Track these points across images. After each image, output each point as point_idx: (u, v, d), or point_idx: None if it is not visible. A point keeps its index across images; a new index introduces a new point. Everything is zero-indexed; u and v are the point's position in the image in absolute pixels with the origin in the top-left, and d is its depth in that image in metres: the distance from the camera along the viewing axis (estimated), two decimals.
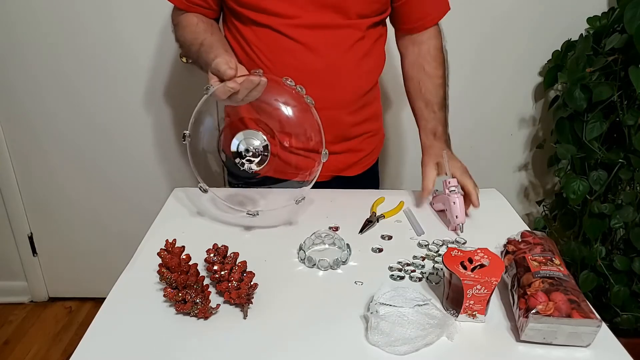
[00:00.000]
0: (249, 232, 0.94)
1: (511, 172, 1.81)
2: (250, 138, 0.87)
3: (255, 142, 0.87)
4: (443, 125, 1.10)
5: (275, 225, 0.95)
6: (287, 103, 0.89)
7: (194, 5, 1.01)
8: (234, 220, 0.97)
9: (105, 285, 0.81)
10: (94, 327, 0.71)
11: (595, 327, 0.65)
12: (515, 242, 0.82)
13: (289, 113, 0.89)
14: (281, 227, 0.96)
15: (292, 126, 0.91)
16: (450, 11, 1.09)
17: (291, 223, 0.95)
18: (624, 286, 1.49)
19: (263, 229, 0.95)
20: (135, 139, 1.73)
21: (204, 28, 1.00)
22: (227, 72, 0.80)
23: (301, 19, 0.96)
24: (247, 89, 0.82)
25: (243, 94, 0.83)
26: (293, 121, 0.91)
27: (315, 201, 1.05)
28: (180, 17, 1.04)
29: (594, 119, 1.44)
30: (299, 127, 0.91)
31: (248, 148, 0.87)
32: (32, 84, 1.63)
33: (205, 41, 0.96)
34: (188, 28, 1.01)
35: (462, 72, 1.63)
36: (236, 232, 0.94)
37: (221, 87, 0.81)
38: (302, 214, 1.00)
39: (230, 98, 0.83)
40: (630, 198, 1.46)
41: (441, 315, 0.68)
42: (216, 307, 0.72)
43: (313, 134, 0.90)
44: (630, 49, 1.36)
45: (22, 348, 1.81)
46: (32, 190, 1.83)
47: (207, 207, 1.02)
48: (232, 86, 0.80)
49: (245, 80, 0.81)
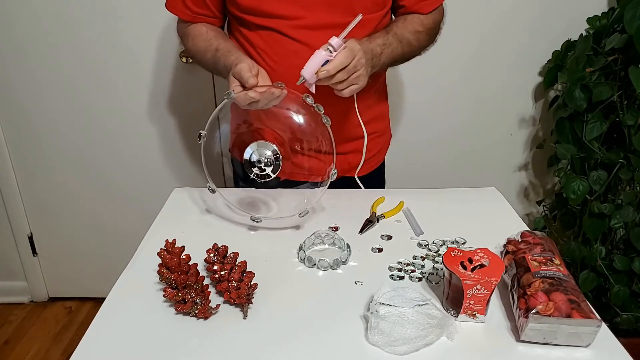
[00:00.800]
0: (249, 232, 0.94)
1: (511, 172, 1.81)
2: (263, 148, 0.89)
3: (267, 152, 0.89)
4: (384, 44, 0.97)
5: (279, 228, 0.96)
6: (299, 112, 0.90)
7: (199, 15, 1.02)
8: (234, 220, 0.97)
9: (105, 285, 0.81)
10: (94, 327, 0.71)
11: (595, 327, 0.65)
12: (515, 242, 0.82)
13: (301, 122, 0.91)
14: (281, 227, 0.95)
15: (304, 134, 0.92)
16: (451, 11, 1.09)
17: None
18: (624, 286, 1.49)
19: (263, 229, 0.95)
20: (135, 138, 1.73)
21: (215, 35, 1.01)
22: (250, 80, 0.82)
23: (305, 19, 0.96)
24: (267, 100, 0.84)
25: (263, 103, 0.85)
26: (306, 130, 0.91)
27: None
28: (187, 28, 1.04)
29: (594, 119, 1.44)
30: (311, 135, 0.92)
31: (260, 159, 0.89)
32: (32, 84, 1.63)
33: (220, 46, 0.97)
34: (199, 37, 1.01)
35: (462, 72, 1.63)
36: (236, 232, 0.94)
37: (242, 95, 0.83)
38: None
39: (249, 105, 0.85)
40: (630, 198, 1.46)
41: (441, 315, 0.68)
42: (216, 307, 0.73)
43: (324, 142, 0.90)
44: (630, 49, 1.36)
45: (22, 348, 1.81)
46: (32, 190, 1.83)
47: (208, 207, 1.03)
48: (254, 96, 0.82)
49: (267, 91, 0.83)
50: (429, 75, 1.61)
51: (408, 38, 1.01)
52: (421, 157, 1.74)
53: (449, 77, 1.63)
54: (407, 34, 1.01)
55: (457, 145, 1.73)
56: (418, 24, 1.03)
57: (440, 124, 1.71)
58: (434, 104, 1.67)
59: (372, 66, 0.93)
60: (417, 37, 1.03)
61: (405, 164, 1.74)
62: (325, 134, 0.89)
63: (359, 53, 0.88)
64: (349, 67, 0.86)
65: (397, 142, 1.71)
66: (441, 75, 1.62)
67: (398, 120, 1.69)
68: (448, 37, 1.12)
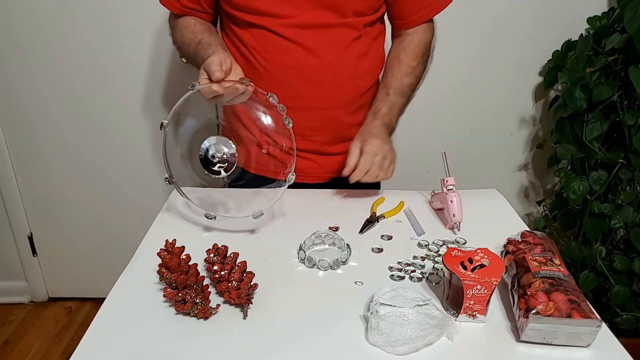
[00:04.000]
0: (249, 232, 0.94)
1: (511, 172, 1.81)
2: (221, 144, 0.88)
3: (225, 148, 0.88)
4: (390, 108, 1.05)
5: (275, 221, 0.95)
6: (266, 114, 0.90)
7: (189, 9, 1.02)
8: (234, 220, 0.97)
9: (105, 285, 0.81)
10: (94, 327, 0.71)
11: (595, 327, 0.65)
12: (515, 242, 0.82)
13: (268, 122, 0.90)
14: (281, 227, 0.96)
15: (266, 134, 0.92)
16: (451, 11, 1.08)
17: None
18: (624, 286, 1.49)
19: (263, 229, 0.95)
20: (135, 138, 1.73)
21: (201, 29, 1.00)
22: (216, 74, 0.82)
23: (296, 18, 0.96)
24: (231, 95, 0.85)
25: (227, 98, 0.85)
26: (269, 130, 0.91)
27: (315, 201, 1.05)
28: (177, 20, 1.04)
29: (594, 119, 1.44)
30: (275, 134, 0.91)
31: (215, 154, 0.88)
32: (32, 84, 1.63)
33: (203, 39, 0.96)
34: (186, 29, 1.01)
35: (462, 72, 1.63)
36: (236, 232, 0.94)
37: (206, 87, 0.83)
38: (302, 214, 1.00)
39: (214, 98, 0.85)
40: (630, 198, 1.46)
41: (441, 316, 0.68)
42: (216, 307, 0.72)
43: (285, 143, 0.90)
44: (630, 49, 1.36)
45: (22, 348, 1.81)
46: (32, 190, 1.83)
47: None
48: (216, 89, 0.82)
49: (231, 86, 0.83)
50: (429, 75, 1.59)
51: (407, 82, 1.06)
52: (421, 158, 1.74)
53: (449, 77, 1.63)
54: (405, 78, 1.05)
55: (457, 145, 1.73)
56: (411, 59, 1.06)
57: (440, 124, 1.71)
58: (434, 104, 1.67)
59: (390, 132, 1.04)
60: (414, 75, 1.07)
61: (405, 165, 1.73)
62: (286, 134, 0.88)
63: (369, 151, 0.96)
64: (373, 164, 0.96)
65: (396, 143, 1.71)
66: (441, 75, 1.61)
67: (400, 121, 1.68)
68: (448, 37, 1.12)
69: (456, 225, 0.94)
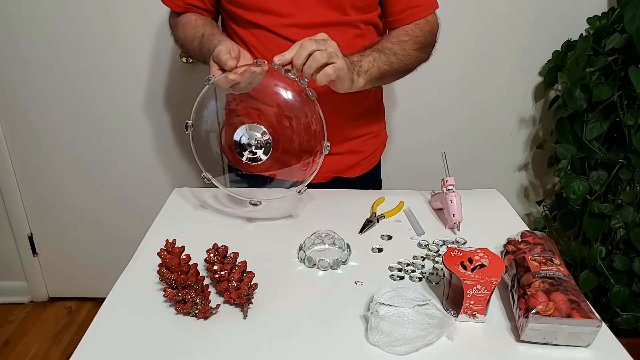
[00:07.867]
0: (249, 232, 0.94)
1: (511, 172, 1.81)
2: (253, 131, 0.88)
3: (257, 134, 0.88)
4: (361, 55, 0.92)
5: (276, 218, 0.95)
6: (287, 89, 0.87)
7: (191, 7, 1.02)
8: (234, 220, 0.97)
9: (105, 285, 0.81)
10: (94, 327, 0.71)
11: (595, 327, 0.65)
12: (515, 242, 0.82)
13: (289, 97, 0.87)
14: (281, 227, 0.96)
15: (292, 110, 0.89)
16: (450, 11, 1.09)
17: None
18: (624, 286, 1.49)
19: (263, 229, 0.95)
20: (135, 138, 1.73)
21: (203, 23, 1.00)
22: (229, 62, 0.80)
23: (297, 17, 0.95)
24: (248, 79, 0.82)
25: (245, 84, 0.83)
26: (293, 105, 0.88)
27: (315, 201, 1.05)
28: (177, 18, 1.04)
29: (594, 119, 1.44)
30: (300, 110, 0.88)
31: (250, 142, 0.88)
32: (32, 84, 1.63)
33: (205, 32, 0.96)
34: (187, 25, 1.01)
35: (462, 72, 1.63)
36: (236, 232, 0.94)
37: (222, 78, 0.81)
38: (302, 214, 1.00)
39: (232, 87, 0.83)
40: (630, 198, 1.46)
41: (441, 316, 0.68)
42: (216, 307, 0.72)
43: (314, 119, 0.87)
44: (630, 49, 1.36)
45: (22, 348, 1.81)
46: (32, 190, 1.83)
47: (208, 207, 1.02)
48: (234, 78, 0.80)
49: (246, 70, 0.81)
50: (429, 75, 1.60)
51: (391, 47, 0.97)
52: (421, 158, 1.74)
53: (449, 77, 1.63)
54: (389, 44, 0.97)
55: (457, 145, 1.73)
56: (402, 34, 1.00)
57: (440, 124, 1.71)
58: (434, 104, 1.67)
59: (355, 72, 0.88)
60: (402, 47, 0.98)
61: (405, 165, 1.75)
62: (313, 109, 0.85)
63: (319, 36, 0.82)
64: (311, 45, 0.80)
65: (396, 143, 1.72)
66: (441, 75, 1.62)
67: (397, 121, 1.68)
68: (448, 37, 1.12)
69: (456, 225, 0.94)
